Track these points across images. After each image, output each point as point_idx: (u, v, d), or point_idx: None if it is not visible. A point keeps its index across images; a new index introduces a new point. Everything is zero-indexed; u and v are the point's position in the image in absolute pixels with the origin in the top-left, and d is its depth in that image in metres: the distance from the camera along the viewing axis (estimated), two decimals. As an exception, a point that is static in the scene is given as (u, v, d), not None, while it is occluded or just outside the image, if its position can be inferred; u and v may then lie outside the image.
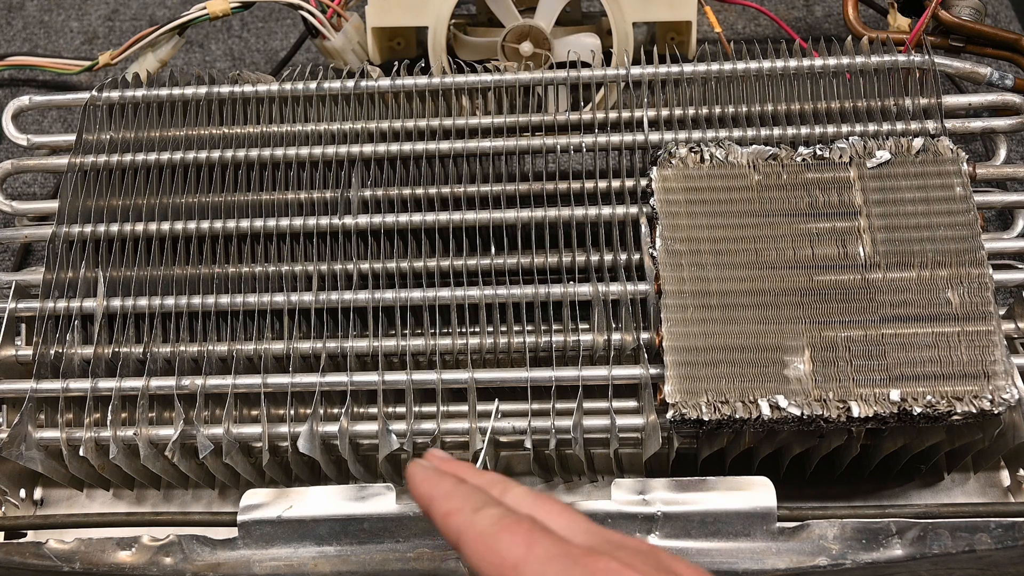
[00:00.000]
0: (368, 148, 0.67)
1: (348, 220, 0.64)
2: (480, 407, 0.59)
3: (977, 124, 0.66)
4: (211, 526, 0.58)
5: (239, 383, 0.59)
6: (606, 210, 0.63)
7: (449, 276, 0.63)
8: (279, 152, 0.67)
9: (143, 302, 0.62)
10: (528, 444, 0.57)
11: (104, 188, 0.66)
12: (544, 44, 0.80)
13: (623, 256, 0.62)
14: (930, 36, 0.79)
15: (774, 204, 0.60)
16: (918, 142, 0.62)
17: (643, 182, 0.63)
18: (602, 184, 0.65)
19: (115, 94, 0.70)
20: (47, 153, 0.72)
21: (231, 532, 0.57)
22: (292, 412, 0.60)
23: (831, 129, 0.64)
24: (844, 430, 0.57)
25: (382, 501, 0.56)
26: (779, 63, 0.68)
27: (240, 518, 0.56)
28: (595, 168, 0.66)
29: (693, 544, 0.55)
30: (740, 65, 0.68)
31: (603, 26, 0.84)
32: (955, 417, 0.55)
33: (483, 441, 0.58)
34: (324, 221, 0.64)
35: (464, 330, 0.61)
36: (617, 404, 0.59)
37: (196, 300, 0.62)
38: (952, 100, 0.67)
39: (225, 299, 0.62)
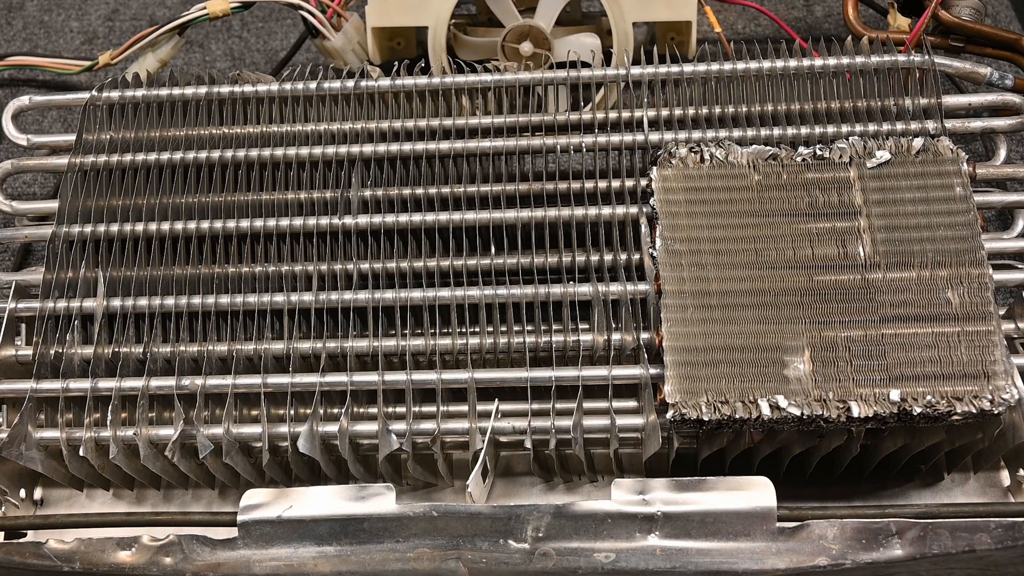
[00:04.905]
0: (368, 148, 0.67)
1: (348, 220, 0.64)
2: (480, 407, 0.59)
3: (977, 124, 0.66)
4: (211, 526, 0.58)
5: (239, 383, 0.59)
6: (606, 210, 0.63)
7: (449, 276, 0.63)
8: (279, 152, 0.67)
9: (143, 302, 0.62)
10: (528, 444, 0.57)
11: (104, 188, 0.66)
12: (544, 44, 0.80)
13: (623, 256, 0.62)
14: (930, 36, 0.79)
15: (774, 204, 0.60)
16: (918, 142, 0.62)
17: (643, 182, 0.63)
18: (602, 184, 0.65)
19: (115, 94, 0.70)
20: (47, 153, 0.72)
21: (231, 532, 0.57)
22: (292, 412, 0.60)
23: (831, 129, 0.64)
24: (844, 430, 0.57)
25: (382, 501, 0.56)
26: (779, 63, 0.68)
27: (240, 518, 0.56)
28: (595, 168, 0.66)
29: (693, 544, 0.55)
30: (740, 65, 0.68)
31: (603, 26, 0.84)
32: (955, 417, 0.55)
33: (483, 441, 0.58)
34: (324, 221, 0.64)
35: (464, 330, 0.61)
36: (617, 404, 0.59)
37: (196, 300, 0.62)
38: (952, 100, 0.67)
39: (225, 299, 0.62)
